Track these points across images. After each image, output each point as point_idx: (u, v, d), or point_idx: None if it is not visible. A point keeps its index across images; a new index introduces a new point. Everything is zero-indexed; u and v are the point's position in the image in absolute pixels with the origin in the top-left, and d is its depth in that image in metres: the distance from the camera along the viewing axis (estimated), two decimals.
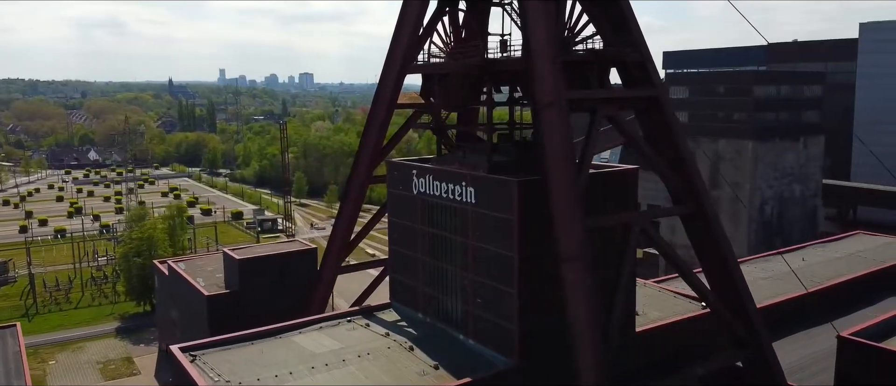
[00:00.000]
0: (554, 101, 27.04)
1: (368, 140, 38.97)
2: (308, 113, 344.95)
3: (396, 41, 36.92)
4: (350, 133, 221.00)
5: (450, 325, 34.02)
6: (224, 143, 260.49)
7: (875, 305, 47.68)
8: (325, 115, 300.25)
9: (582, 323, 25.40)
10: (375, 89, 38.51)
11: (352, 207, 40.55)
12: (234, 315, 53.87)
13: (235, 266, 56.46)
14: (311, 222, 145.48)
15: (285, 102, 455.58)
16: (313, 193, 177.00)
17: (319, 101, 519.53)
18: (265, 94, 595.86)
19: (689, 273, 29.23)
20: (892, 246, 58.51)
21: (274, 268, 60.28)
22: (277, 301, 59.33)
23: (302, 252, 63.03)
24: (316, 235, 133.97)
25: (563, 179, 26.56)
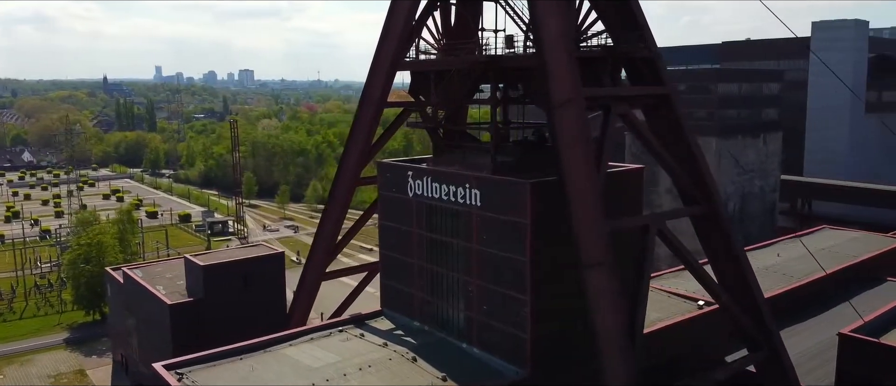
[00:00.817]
0: (572, 98, 25.88)
1: (356, 140, 37.15)
2: (252, 111, 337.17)
3: (386, 37, 35.21)
4: (299, 131, 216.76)
5: (450, 333, 32.57)
6: (166, 142, 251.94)
7: (855, 300, 48.25)
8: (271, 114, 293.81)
9: (610, 331, 24.33)
10: (364, 87, 36.65)
11: (338, 209, 38.65)
12: (199, 324, 51.28)
13: (199, 273, 53.60)
14: (263, 224, 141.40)
15: (226, 100, 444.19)
16: (263, 194, 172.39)
17: (261, 99, 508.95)
18: (204, 91, 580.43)
19: (706, 275, 28.52)
20: (859, 241, 59.63)
21: (239, 274, 57.50)
22: (243, 309, 56.75)
23: (268, 257, 60.31)
24: (269, 237, 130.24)
25: (583, 181, 25.42)
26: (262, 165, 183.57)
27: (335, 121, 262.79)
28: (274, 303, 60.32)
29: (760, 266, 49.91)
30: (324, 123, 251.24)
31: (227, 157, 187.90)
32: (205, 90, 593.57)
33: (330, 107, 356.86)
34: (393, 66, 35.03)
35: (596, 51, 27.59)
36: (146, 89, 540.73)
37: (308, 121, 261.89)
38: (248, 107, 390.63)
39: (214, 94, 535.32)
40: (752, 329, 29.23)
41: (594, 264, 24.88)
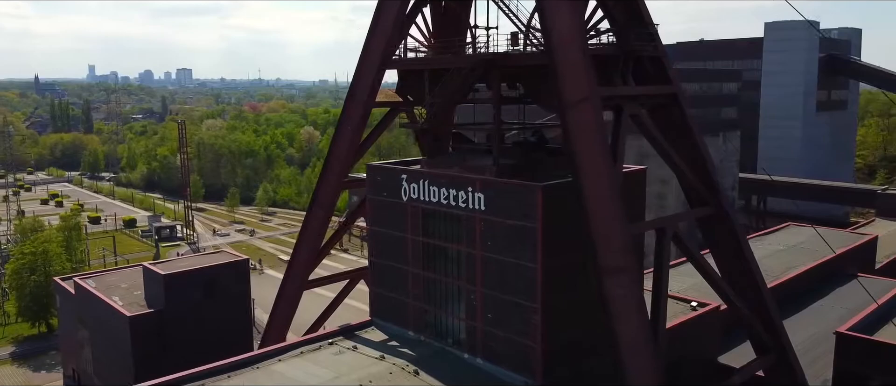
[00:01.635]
0: (587, 96, 24.82)
1: (342, 141, 35.33)
2: (193, 111, 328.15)
3: (375, 32, 33.53)
4: (246, 132, 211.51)
5: (450, 343, 31.18)
6: (104, 144, 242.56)
7: (830, 296, 48.94)
8: (215, 113, 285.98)
9: (634, 340, 23.33)
10: (350, 84, 34.88)
11: (322, 214, 36.74)
12: (161, 336, 48.78)
13: (160, 282, 50.90)
14: (213, 228, 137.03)
15: (165, 100, 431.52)
16: (211, 197, 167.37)
17: (201, 99, 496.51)
18: (141, 91, 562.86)
19: (719, 279, 27.88)
20: (828, 236, 60.57)
21: (202, 283, 55.18)
22: (208, 319, 54.51)
23: (232, 264, 57.78)
24: (220, 241, 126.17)
25: (602, 184, 24.39)
26: (208, 167, 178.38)
27: (282, 121, 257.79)
28: (239, 312, 57.96)
29: None
30: (270, 123, 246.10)
31: (172, 159, 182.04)
32: (142, 90, 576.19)
33: (274, 106, 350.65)
34: (382, 64, 33.40)
35: (608, 48, 26.63)
36: (80, 89, 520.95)
37: (254, 121, 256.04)
38: (188, 107, 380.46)
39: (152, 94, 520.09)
40: (762, 332, 28.74)
41: (615, 270, 23.88)
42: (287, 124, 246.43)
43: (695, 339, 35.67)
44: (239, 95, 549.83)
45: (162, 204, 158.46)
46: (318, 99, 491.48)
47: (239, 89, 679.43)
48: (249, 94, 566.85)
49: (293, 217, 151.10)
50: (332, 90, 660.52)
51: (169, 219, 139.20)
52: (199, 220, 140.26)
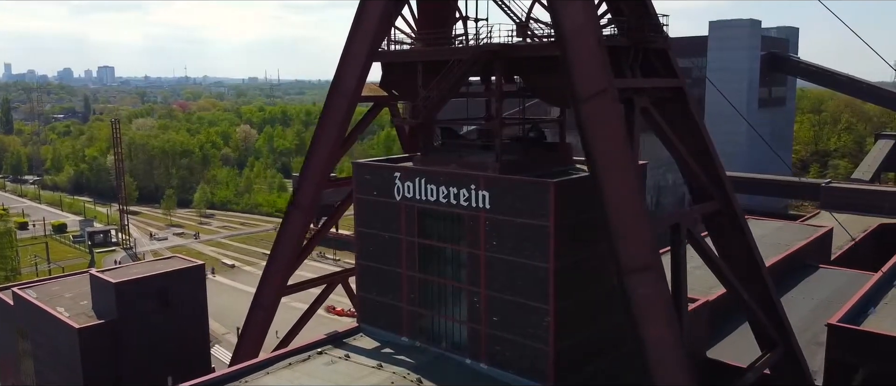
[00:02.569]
0: (605, 89, 23.84)
1: (325, 138, 33.39)
2: (118, 109, 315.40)
3: (361, 22, 31.75)
4: (180, 131, 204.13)
5: (449, 348, 29.79)
6: (26, 145, 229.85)
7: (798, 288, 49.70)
8: (143, 112, 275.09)
9: (663, 342, 22.47)
10: (334, 77, 32.97)
11: (302, 216, 34.69)
12: (113, 349, 45.92)
13: (110, 291, 47.83)
14: (150, 233, 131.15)
15: (87, 99, 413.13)
16: (145, 200, 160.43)
17: (126, 97, 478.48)
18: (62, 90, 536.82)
19: (729, 274, 27.36)
20: (784, 229, 61.95)
21: (156, 291, 52.33)
22: (163, 330, 51.78)
23: (187, 271, 55.00)
24: (158, 246, 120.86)
25: (623, 179, 23.45)
26: (141, 169, 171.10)
27: (216, 119, 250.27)
28: (196, 322, 55.21)
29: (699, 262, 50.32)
30: (204, 122, 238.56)
31: (102, 160, 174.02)
32: (62, 89, 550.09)
33: (204, 104, 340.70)
34: (369, 56, 31.66)
35: (621, 40, 25.71)
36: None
37: (186, 119, 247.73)
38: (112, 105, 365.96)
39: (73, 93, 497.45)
40: (769, 327, 28.44)
41: (640, 269, 22.98)
42: (221, 123, 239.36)
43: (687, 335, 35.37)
44: (165, 93, 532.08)
45: (93, 208, 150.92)
46: (249, 97, 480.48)
47: (165, 87, 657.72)
48: (176, 92, 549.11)
49: (233, 219, 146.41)
50: (263, 88, 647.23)
51: (102, 223, 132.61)
52: (134, 224, 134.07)
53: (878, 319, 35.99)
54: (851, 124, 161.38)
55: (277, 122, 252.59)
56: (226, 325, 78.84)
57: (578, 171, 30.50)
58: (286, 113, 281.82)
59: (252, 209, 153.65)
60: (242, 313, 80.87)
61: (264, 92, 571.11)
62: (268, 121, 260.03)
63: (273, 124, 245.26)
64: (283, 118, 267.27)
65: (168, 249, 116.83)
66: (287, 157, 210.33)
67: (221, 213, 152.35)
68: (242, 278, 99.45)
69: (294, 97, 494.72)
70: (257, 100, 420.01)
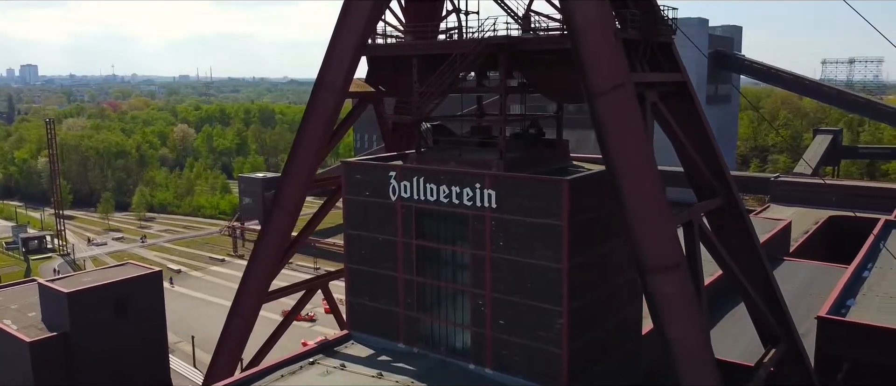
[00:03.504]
0: (623, 82, 23.15)
1: (310, 135, 31.73)
2: (44, 109, 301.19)
3: (348, 14, 30.27)
4: (114, 131, 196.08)
5: (451, 353, 28.64)
6: None
7: None
8: (72, 112, 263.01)
9: (689, 342, 21.89)
10: (319, 72, 31.34)
11: (286, 218, 32.93)
12: (67, 363, 43.41)
13: (62, 301, 45.16)
14: (87, 238, 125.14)
15: (11, 99, 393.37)
16: (80, 204, 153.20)
17: (51, 97, 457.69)
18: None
19: (735, 270, 27.08)
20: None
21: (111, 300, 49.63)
22: (119, 341, 49.17)
23: (144, 278, 52.37)
24: (97, 252, 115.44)
25: (645, 176, 22.82)
26: (75, 171, 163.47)
27: (151, 118, 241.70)
28: (154, 332, 52.75)
29: None
30: (138, 122, 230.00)
31: (32, 163, 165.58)
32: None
33: (136, 103, 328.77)
34: (358, 49, 30.20)
35: (633, 34, 25.05)
36: None
37: (119, 119, 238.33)
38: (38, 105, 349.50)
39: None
40: (773, 323, 28.34)
41: (664, 268, 22.35)
42: (157, 122, 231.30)
43: None
44: (92, 92, 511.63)
45: (25, 213, 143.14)
46: (182, 95, 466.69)
47: (91, 86, 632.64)
48: (104, 91, 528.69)
49: (175, 223, 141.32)
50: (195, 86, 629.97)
51: (36, 229, 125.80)
52: (70, 229, 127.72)
53: (861, 311, 36.59)
54: (788, 120, 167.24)
55: (216, 121, 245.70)
56: (178, 333, 75.50)
57: (578, 168, 29.88)
58: (224, 111, 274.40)
59: (195, 212, 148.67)
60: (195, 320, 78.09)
61: (197, 90, 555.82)
62: (205, 120, 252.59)
63: (211, 123, 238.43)
64: (221, 117, 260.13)
65: (109, 255, 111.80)
66: (228, 157, 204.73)
67: (162, 216, 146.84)
68: (191, 284, 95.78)
69: (228, 95, 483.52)
70: (190, 98, 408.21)
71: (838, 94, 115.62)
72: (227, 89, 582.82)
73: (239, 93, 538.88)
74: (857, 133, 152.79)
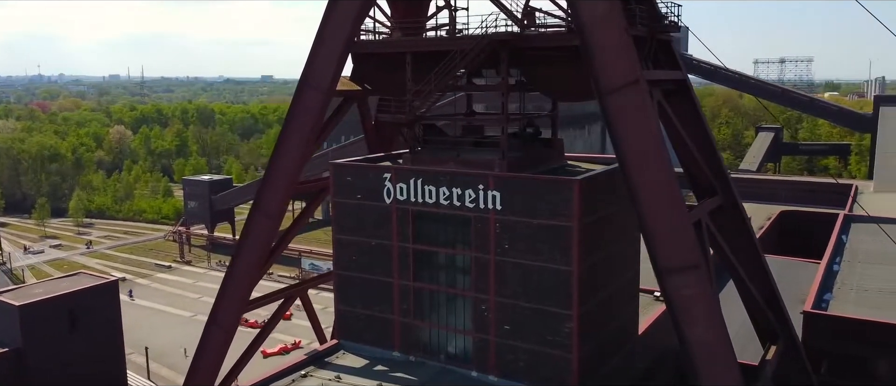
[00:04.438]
0: (636, 79, 22.65)
1: (295, 135, 30.23)
2: None
3: (335, 8, 28.90)
4: (46, 133, 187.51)
5: (452, 361, 27.70)
6: None
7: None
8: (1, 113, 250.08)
9: (710, 344, 21.55)
10: (304, 69, 29.88)
11: (268, 223, 31.29)
12: (19, 379, 41.17)
13: (14, 315, 42.64)
14: (23, 245, 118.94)
15: None
16: (12, 209, 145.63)
17: None
18: None
19: (740, 270, 26.97)
20: None
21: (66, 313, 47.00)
22: (75, 355, 46.66)
23: (99, 288, 49.72)
24: (34, 260, 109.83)
25: (661, 175, 22.33)
26: (5, 175, 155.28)
27: (84, 120, 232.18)
28: (110, 346, 50.30)
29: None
30: (71, 123, 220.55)
31: None
32: None
33: (66, 104, 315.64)
34: (346, 45, 28.86)
35: (641, 30, 24.57)
36: None
37: (50, 121, 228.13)
38: None
39: None
40: (773, 320, 28.39)
41: (683, 268, 21.93)
42: (90, 124, 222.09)
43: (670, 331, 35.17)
44: (18, 93, 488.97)
45: None
46: (113, 95, 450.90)
47: (17, 87, 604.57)
48: (31, 92, 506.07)
49: (116, 228, 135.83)
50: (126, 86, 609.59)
51: None
52: (4, 236, 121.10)
53: (840, 305, 37.30)
54: (730, 119, 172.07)
55: (152, 122, 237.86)
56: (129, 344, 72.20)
57: (577, 168, 29.39)
58: (161, 112, 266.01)
59: (135, 216, 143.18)
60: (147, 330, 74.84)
61: (129, 90, 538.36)
62: (141, 121, 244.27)
63: (148, 124, 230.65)
64: (158, 117, 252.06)
65: (48, 264, 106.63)
66: (167, 159, 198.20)
67: (102, 221, 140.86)
68: (139, 292, 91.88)
69: (162, 95, 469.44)
70: (123, 98, 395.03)
71: (783, 92, 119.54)
72: (161, 89, 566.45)
73: (173, 92, 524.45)
74: (796, 130, 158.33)
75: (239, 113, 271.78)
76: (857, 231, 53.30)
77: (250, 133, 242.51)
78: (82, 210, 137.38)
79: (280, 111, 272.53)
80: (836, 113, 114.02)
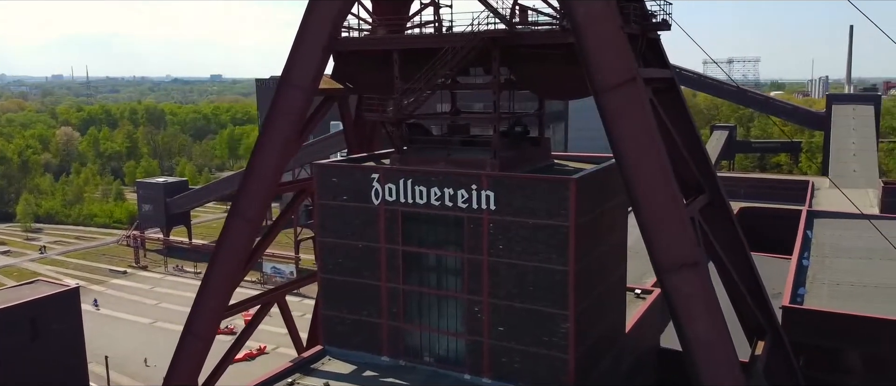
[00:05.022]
0: (633, 77, 22.58)
1: (275, 136, 29.34)
2: None
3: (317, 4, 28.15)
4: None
5: (443, 364, 27.19)
6: None
7: None
8: None
9: (710, 343, 21.53)
10: (285, 67, 29.02)
11: (246, 228, 30.32)
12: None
13: None
14: None
15: None
16: None
17: None
18: None
19: (729, 266, 27.11)
20: None
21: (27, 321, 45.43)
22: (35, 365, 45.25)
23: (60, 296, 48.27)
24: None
25: (659, 173, 22.28)
26: None
27: (29, 121, 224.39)
28: (71, 355, 48.91)
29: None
30: (14, 125, 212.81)
31: None
32: None
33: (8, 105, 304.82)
34: (330, 41, 28.11)
35: (634, 28, 24.47)
36: None
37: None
38: None
39: None
40: (759, 316, 28.66)
41: (681, 267, 21.89)
42: (36, 125, 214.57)
43: (650, 328, 35.38)
44: None
45: None
46: (58, 96, 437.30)
47: None
48: None
49: (67, 233, 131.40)
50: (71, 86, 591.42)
51: None
52: None
53: (815, 299, 38.02)
54: None
55: (100, 123, 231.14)
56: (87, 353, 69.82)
57: (564, 166, 29.24)
58: (110, 112, 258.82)
59: (86, 221, 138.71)
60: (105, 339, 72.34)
61: (73, 90, 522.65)
62: (89, 122, 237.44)
63: (97, 125, 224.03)
64: (106, 118, 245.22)
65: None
66: (118, 162, 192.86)
67: (51, 226, 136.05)
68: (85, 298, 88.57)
69: (108, 96, 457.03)
70: (68, 99, 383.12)
71: (739, 91, 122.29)
72: (106, 89, 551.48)
73: (119, 93, 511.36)
74: (748, 128, 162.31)
75: (190, 113, 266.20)
76: (821, 226, 54.56)
77: (203, 134, 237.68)
78: (31, 215, 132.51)
79: (233, 111, 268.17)
80: (791, 111, 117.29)
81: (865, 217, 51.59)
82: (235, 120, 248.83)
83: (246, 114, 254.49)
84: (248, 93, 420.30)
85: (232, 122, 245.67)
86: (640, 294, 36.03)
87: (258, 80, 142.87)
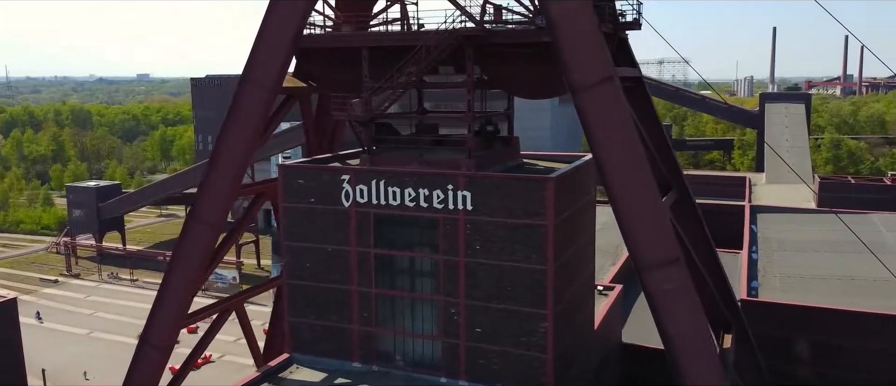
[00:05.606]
0: (610, 76, 22.64)
1: (236, 137, 28.25)
2: None
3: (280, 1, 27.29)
4: None
5: (418, 368, 26.68)
6: None
7: None
8: None
9: (691, 339, 21.74)
10: (246, 66, 27.98)
11: (206, 232, 29.12)
12: None
13: None
14: None
15: None
16: None
17: None
18: None
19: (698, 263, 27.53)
20: None
21: None
22: None
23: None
24: None
25: (636, 171, 22.38)
26: None
27: None
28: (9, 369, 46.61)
29: None
30: None
31: None
32: None
33: None
34: (293, 39, 27.24)
35: (608, 28, 24.51)
36: None
37: None
38: None
39: None
40: (724, 308, 29.23)
41: (665, 263, 22.03)
42: None
43: (616, 324, 35.78)
44: None
45: None
46: None
47: None
48: None
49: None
50: None
51: None
52: None
53: (769, 291, 39.16)
54: None
55: (23, 125, 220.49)
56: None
57: (535, 165, 29.17)
58: (33, 114, 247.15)
59: (12, 228, 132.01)
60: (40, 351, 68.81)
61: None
62: (11, 124, 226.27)
63: (19, 128, 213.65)
64: (29, 120, 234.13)
65: None
66: (43, 165, 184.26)
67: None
68: (25, 309, 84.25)
69: (29, 96, 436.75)
70: None
71: (676, 91, 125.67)
72: (27, 90, 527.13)
73: (41, 93, 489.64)
74: (682, 127, 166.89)
75: (118, 114, 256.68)
76: (764, 221, 56.38)
77: (133, 135, 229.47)
78: None
79: (164, 111, 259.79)
80: (726, 110, 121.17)
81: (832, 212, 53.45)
82: (167, 121, 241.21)
83: (178, 114, 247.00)
84: (178, 92, 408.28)
85: (163, 122, 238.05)
86: (603, 290, 36.33)
87: (193, 80, 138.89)
